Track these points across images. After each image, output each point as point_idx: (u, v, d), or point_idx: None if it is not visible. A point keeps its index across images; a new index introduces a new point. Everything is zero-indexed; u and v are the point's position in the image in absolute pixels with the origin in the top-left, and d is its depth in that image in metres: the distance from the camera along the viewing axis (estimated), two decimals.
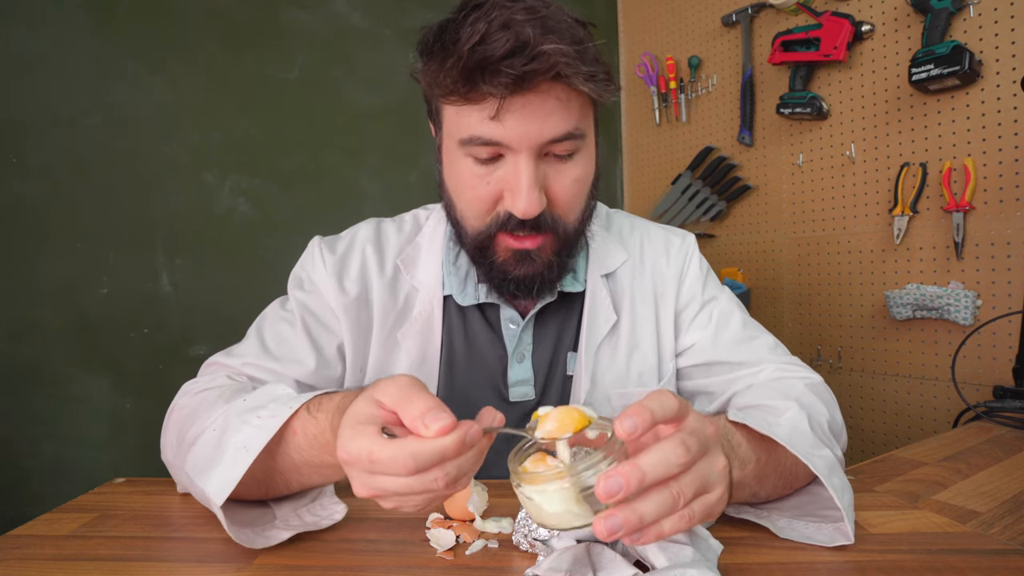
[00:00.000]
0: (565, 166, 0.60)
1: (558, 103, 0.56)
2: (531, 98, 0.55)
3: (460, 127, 0.59)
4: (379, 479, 0.39)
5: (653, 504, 0.35)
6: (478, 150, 0.58)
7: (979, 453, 0.73)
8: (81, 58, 1.31)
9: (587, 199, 0.65)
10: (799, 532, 0.48)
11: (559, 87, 0.56)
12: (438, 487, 0.38)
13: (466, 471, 0.40)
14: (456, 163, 0.61)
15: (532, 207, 0.57)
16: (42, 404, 1.28)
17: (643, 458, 0.35)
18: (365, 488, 0.40)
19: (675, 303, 0.75)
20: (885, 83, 1.34)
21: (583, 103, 0.59)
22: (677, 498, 0.36)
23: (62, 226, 1.30)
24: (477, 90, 0.54)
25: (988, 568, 0.42)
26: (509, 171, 0.58)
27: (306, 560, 0.46)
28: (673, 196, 1.86)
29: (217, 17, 1.45)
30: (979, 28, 1.18)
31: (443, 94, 0.58)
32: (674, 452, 0.36)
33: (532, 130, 0.56)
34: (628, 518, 0.34)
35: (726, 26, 1.68)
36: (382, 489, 0.39)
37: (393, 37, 1.64)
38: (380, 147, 1.64)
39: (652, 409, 0.37)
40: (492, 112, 0.55)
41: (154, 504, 0.58)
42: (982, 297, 1.20)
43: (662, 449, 0.36)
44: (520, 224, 0.60)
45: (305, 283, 0.72)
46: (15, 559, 0.46)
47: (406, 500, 0.40)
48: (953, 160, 1.23)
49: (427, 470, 0.38)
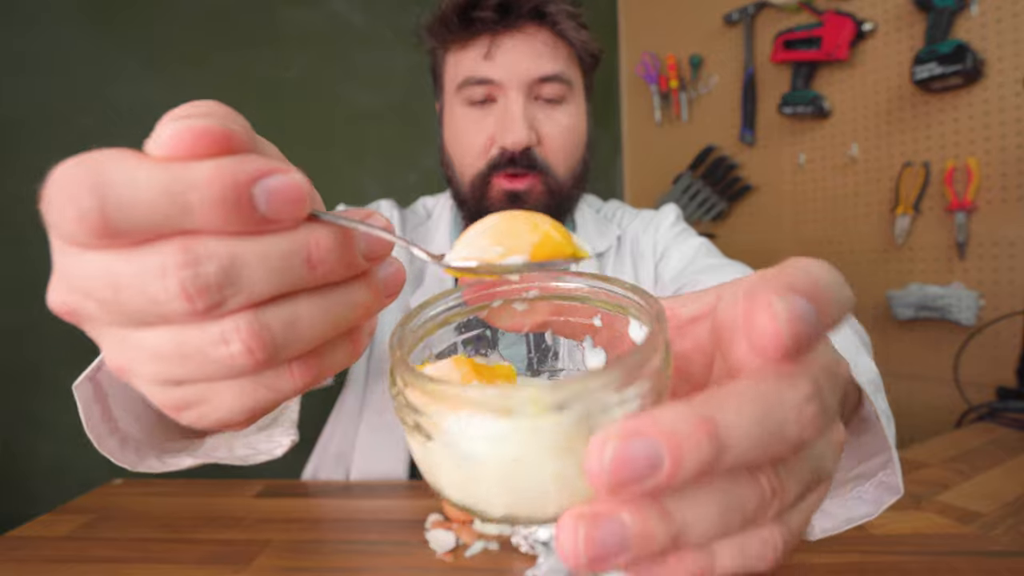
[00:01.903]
0: (554, 111, 0.66)
1: (545, 47, 0.64)
2: (520, 39, 0.63)
3: (458, 72, 0.66)
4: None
5: (712, 509, 0.16)
6: (473, 90, 0.65)
7: (982, 454, 0.72)
8: (80, 57, 1.31)
9: (578, 158, 0.68)
10: (835, 519, 0.36)
11: (545, 31, 0.64)
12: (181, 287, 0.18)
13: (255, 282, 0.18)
14: (455, 115, 0.67)
15: (520, 136, 0.62)
16: (41, 404, 1.28)
17: (714, 402, 0.15)
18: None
19: (653, 259, 0.76)
20: (887, 82, 1.34)
21: (569, 55, 0.66)
22: (768, 502, 0.17)
23: None
24: (471, 22, 0.62)
25: (990, 570, 0.42)
26: (501, 110, 0.64)
27: (305, 562, 0.45)
28: (674, 195, 1.85)
29: (217, 16, 1.44)
30: (982, 27, 1.18)
31: (442, 35, 0.66)
32: (794, 401, 0.16)
33: (521, 67, 0.63)
34: (648, 530, 0.15)
35: (727, 25, 1.68)
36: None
37: (393, 37, 1.64)
38: (380, 147, 1.63)
39: (820, 281, 0.17)
40: (484, 50, 0.63)
41: (153, 505, 0.58)
42: (985, 297, 1.20)
43: (766, 390, 0.16)
44: (511, 162, 0.64)
45: None
46: (13, 560, 0.46)
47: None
48: (956, 159, 1.23)
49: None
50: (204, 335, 0.17)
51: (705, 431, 0.14)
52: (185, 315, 0.17)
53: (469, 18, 0.63)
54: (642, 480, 0.14)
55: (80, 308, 0.18)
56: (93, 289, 0.17)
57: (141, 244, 0.16)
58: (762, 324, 0.16)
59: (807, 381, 0.16)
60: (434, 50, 0.71)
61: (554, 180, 0.65)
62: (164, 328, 0.17)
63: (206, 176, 0.16)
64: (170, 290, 0.16)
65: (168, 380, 0.19)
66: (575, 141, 0.67)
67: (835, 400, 0.18)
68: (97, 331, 0.19)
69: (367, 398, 0.71)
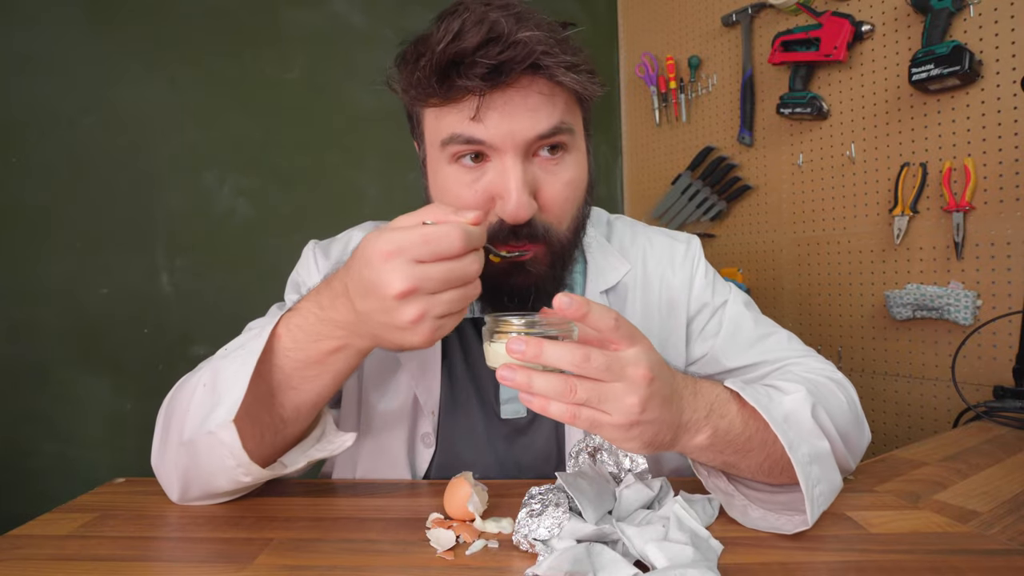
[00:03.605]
0: (555, 168, 0.58)
1: (541, 97, 0.54)
2: (512, 94, 0.54)
3: (440, 128, 0.57)
4: (424, 268, 0.43)
5: (544, 380, 0.41)
6: (460, 149, 0.56)
7: (979, 453, 0.73)
8: (81, 58, 1.31)
9: (580, 205, 0.62)
10: (769, 523, 0.49)
11: (540, 81, 0.54)
12: (471, 272, 0.45)
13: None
14: (440, 172, 0.59)
15: (522, 210, 0.55)
16: (42, 404, 1.28)
17: (549, 343, 0.41)
18: (405, 280, 0.43)
19: (686, 312, 0.73)
20: (885, 83, 1.34)
21: (568, 99, 0.58)
22: (567, 393, 0.41)
23: (62, 226, 1.30)
24: (453, 86, 0.53)
25: (989, 568, 0.42)
26: (496, 175, 0.56)
27: (306, 560, 0.46)
28: (673, 196, 1.86)
29: (217, 17, 1.45)
30: (979, 28, 1.18)
31: (421, 96, 0.56)
32: (573, 353, 0.41)
33: (515, 127, 0.54)
34: (519, 378, 0.41)
35: (726, 26, 1.68)
36: (424, 278, 0.43)
37: (393, 37, 1.63)
38: (380, 147, 1.64)
39: (591, 307, 0.42)
40: (472, 112, 0.54)
41: (154, 504, 0.58)
42: (982, 297, 1.20)
43: (567, 347, 0.41)
44: (511, 233, 0.57)
45: (301, 287, 0.73)
46: (15, 559, 0.46)
47: (440, 297, 0.45)
48: (953, 160, 1.23)
49: (466, 254, 0.44)
50: (464, 265, 0.46)
51: (537, 347, 0.41)
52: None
53: (452, 82, 0.53)
54: (515, 353, 0.41)
55: (412, 292, 0.44)
56: (437, 278, 0.44)
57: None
58: (565, 301, 0.41)
59: (585, 350, 0.41)
60: (406, 98, 0.61)
61: (556, 242, 0.59)
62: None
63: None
64: (473, 267, 0.47)
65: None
66: (578, 193, 0.61)
67: (604, 366, 0.41)
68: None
69: (362, 410, 0.71)
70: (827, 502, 0.49)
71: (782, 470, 0.52)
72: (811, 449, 0.50)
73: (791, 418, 0.52)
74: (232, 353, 0.53)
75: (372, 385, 0.70)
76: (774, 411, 0.50)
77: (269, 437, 0.55)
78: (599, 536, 0.45)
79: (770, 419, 0.48)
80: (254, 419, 0.52)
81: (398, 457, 0.68)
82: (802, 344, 0.72)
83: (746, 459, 0.51)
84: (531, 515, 0.47)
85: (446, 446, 0.68)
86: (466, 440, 0.68)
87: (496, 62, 0.51)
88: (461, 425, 0.68)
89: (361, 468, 0.70)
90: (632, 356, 0.43)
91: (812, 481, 0.47)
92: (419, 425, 0.68)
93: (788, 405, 0.53)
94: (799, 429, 0.51)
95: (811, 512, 0.46)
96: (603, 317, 0.42)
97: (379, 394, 0.69)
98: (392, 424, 0.68)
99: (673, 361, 0.73)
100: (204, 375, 0.54)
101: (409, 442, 0.68)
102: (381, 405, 0.69)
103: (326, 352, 0.51)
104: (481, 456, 0.68)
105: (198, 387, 0.53)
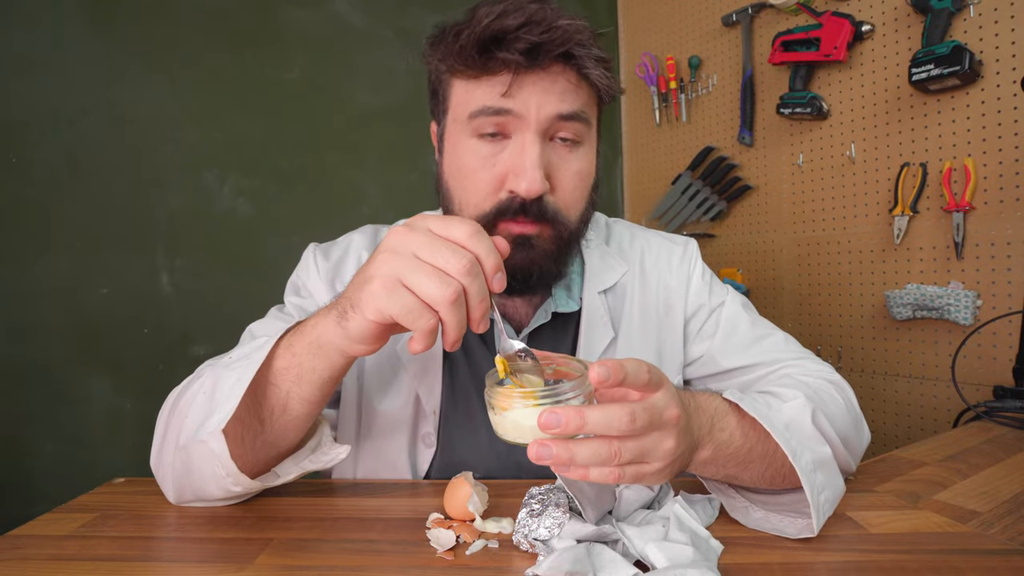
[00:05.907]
0: (569, 155, 0.62)
1: (568, 84, 0.59)
2: (542, 76, 0.58)
3: (470, 101, 0.60)
4: (422, 273, 0.42)
5: (588, 451, 0.38)
6: (485, 122, 0.59)
7: (979, 453, 0.73)
8: (81, 58, 1.31)
9: (587, 199, 0.65)
10: (772, 524, 0.49)
11: (570, 72, 0.59)
12: (471, 275, 0.43)
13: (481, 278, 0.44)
14: (460, 146, 0.62)
15: (536, 185, 0.58)
16: (42, 404, 1.28)
17: (590, 410, 0.38)
18: (405, 273, 0.43)
19: (683, 313, 0.74)
20: (885, 83, 1.34)
21: (590, 95, 0.62)
22: (613, 456, 0.39)
23: (62, 226, 1.30)
24: (493, 58, 0.57)
25: (989, 568, 0.42)
26: (515, 151, 0.59)
27: (306, 560, 0.46)
28: (673, 196, 1.86)
29: (217, 17, 1.45)
30: (979, 28, 1.18)
31: (457, 66, 0.59)
32: (619, 418, 0.38)
33: (543, 102, 0.58)
34: (559, 453, 0.38)
35: (726, 26, 1.68)
36: (420, 284, 0.42)
37: (393, 37, 1.64)
38: (380, 147, 1.64)
39: (627, 370, 0.39)
40: (503, 88, 0.57)
41: (154, 504, 0.58)
42: (982, 297, 1.20)
43: (609, 411, 0.38)
44: (522, 208, 0.59)
45: (301, 290, 0.73)
46: (15, 559, 0.46)
47: (434, 298, 0.42)
48: (953, 160, 1.23)
49: (470, 262, 0.43)
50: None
51: (579, 418, 0.38)
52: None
53: (491, 55, 0.57)
54: (551, 428, 0.37)
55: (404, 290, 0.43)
56: (433, 286, 0.42)
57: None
58: (602, 373, 0.38)
59: (627, 408, 0.39)
60: (438, 71, 0.64)
61: (563, 227, 0.62)
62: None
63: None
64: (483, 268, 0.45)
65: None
66: (587, 186, 0.64)
67: (647, 419, 0.39)
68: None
69: (363, 410, 0.70)
70: (832, 508, 0.49)
71: (784, 478, 0.52)
72: (814, 456, 0.49)
73: (792, 426, 0.51)
74: (235, 363, 0.53)
75: (373, 385, 0.70)
76: (775, 420, 0.49)
77: (250, 441, 0.54)
78: (599, 536, 0.45)
79: (771, 428, 0.48)
80: (245, 428, 0.52)
81: (399, 457, 0.68)
82: (799, 345, 0.73)
83: (747, 471, 0.51)
84: (531, 515, 0.47)
85: (447, 446, 0.68)
86: (467, 440, 0.68)
87: (538, 40, 0.55)
88: (462, 425, 0.68)
89: (361, 468, 0.70)
90: (663, 400, 0.42)
91: (817, 488, 0.47)
92: (420, 425, 0.68)
93: (788, 413, 0.53)
94: (801, 436, 0.51)
95: (817, 520, 0.46)
96: (639, 374, 0.40)
97: (380, 394, 0.69)
98: (393, 424, 0.68)
99: (671, 361, 0.74)
100: (206, 382, 0.54)
101: (410, 442, 0.68)
102: (382, 405, 0.69)
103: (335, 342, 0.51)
104: (482, 456, 0.68)
105: (199, 394, 0.53)
